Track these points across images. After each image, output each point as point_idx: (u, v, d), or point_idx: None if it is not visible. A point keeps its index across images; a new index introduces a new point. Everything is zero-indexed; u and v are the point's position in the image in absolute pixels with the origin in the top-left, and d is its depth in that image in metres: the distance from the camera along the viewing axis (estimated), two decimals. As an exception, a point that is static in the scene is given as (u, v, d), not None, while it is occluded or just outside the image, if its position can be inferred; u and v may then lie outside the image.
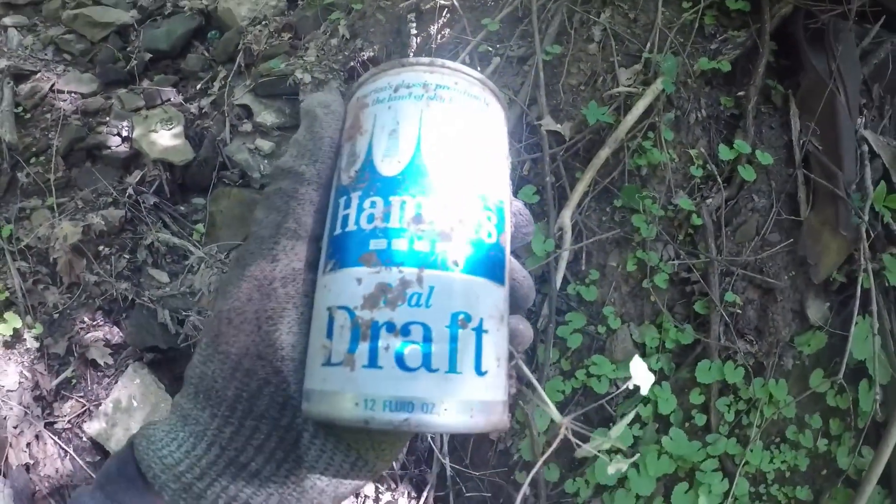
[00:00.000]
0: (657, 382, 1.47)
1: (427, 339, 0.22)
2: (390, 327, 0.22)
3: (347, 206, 0.24)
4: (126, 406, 1.71)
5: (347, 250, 0.23)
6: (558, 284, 1.38)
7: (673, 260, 1.46)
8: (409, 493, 1.58)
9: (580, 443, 0.36)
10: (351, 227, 0.23)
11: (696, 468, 1.47)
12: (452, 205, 0.23)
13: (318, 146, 0.26)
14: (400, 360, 0.21)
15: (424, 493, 1.55)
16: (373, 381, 0.21)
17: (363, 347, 0.22)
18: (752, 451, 1.48)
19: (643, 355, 1.48)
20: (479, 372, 0.23)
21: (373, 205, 0.23)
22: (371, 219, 0.23)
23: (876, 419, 1.51)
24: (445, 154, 0.24)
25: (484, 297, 0.23)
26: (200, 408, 0.25)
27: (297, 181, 0.26)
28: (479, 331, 0.22)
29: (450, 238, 0.23)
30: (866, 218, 1.49)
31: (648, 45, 1.51)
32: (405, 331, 0.22)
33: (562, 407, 1.48)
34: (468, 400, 0.22)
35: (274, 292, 0.25)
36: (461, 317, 0.22)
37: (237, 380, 0.25)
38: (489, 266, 0.23)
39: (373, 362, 0.21)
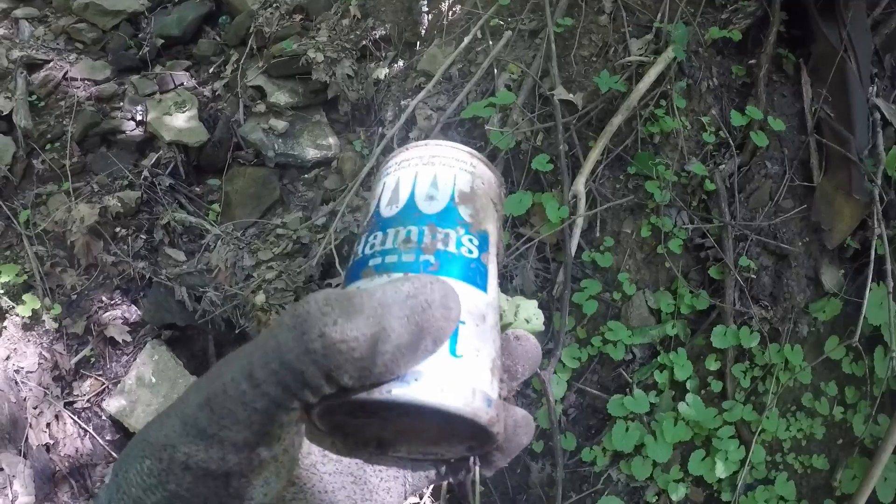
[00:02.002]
0: (673, 349, 1.48)
1: None
2: None
3: (359, 243, 0.30)
4: (147, 382, 1.73)
5: (353, 271, 0.28)
6: (573, 252, 1.39)
7: (687, 225, 1.46)
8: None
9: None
10: (357, 255, 0.29)
11: (712, 435, 1.47)
12: (437, 229, 0.28)
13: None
14: None
15: (443, 464, 1.55)
16: None
17: None
18: (768, 417, 1.48)
19: (658, 321, 1.49)
20: (454, 353, 0.25)
21: (374, 237, 0.29)
22: (372, 246, 0.28)
23: (891, 386, 1.51)
24: (432, 197, 0.30)
25: (462, 297, 0.26)
26: None
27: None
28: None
29: (431, 250, 0.27)
30: (879, 183, 1.50)
31: (659, 15, 1.52)
32: None
33: (578, 375, 1.49)
34: (440, 376, 0.24)
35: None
36: None
37: None
38: (468, 273, 0.28)
39: None
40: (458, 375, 0.24)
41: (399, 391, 0.23)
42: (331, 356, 0.20)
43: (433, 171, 0.31)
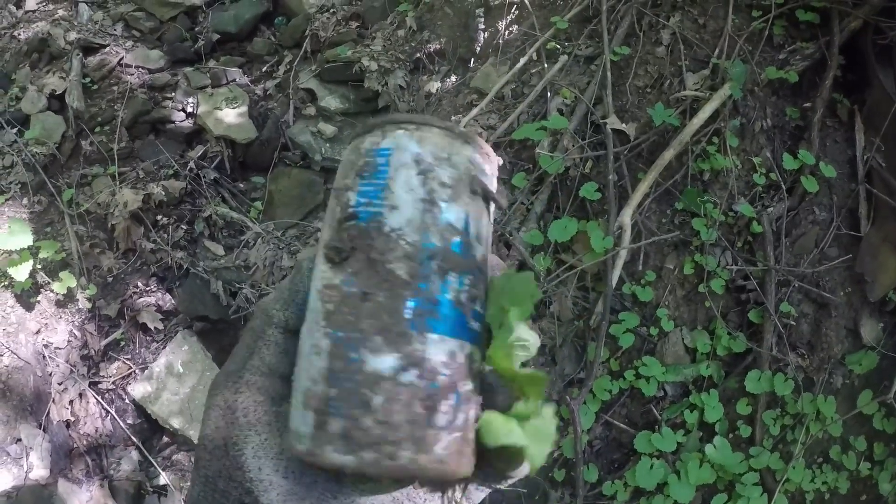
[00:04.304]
0: (706, 389, 1.46)
1: None
2: None
3: None
4: (175, 371, 1.74)
5: None
6: (614, 283, 1.38)
7: (730, 266, 1.45)
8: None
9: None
10: None
11: (736, 480, 1.44)
12: None
13: (292, 297, 0.29)
14: None
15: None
16: None
17: None
18: (794, 467, 1.45)
19: (693, 360, 1.47)
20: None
21: None
22: None
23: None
24: None
25: None
26: None
27: (266, 322, 0.29)
28: None
29: None
30: (930, 238, 1.47)
31: (717, 50, 1.52)
32: None
33: (607, 407, 1.48)
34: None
35: (236, 421, 0.27)
36: None
37: (215, 501, 0.27)
38: None
39: None
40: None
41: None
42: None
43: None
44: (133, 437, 1.80)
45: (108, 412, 1.83)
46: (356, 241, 0.25)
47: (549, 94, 1.55)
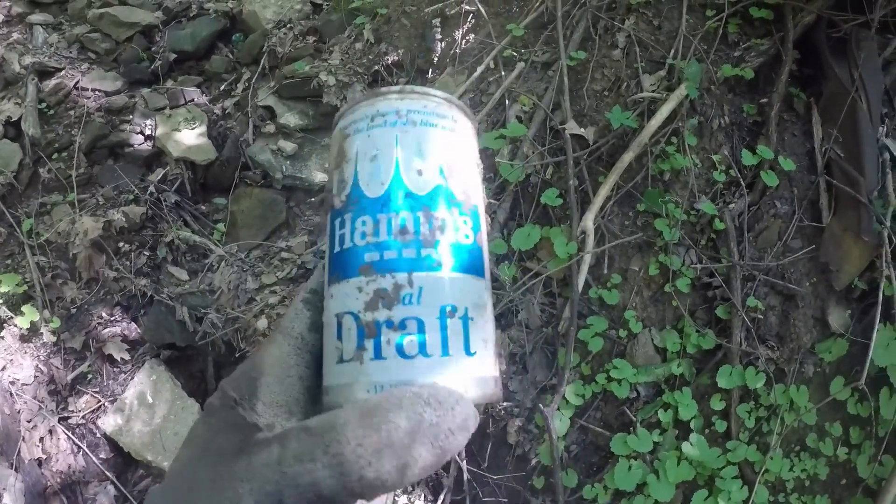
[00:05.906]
0: (678, 388, 1.46)
1: (421, 330, 0.26)
2: (389, 324, 0.26)
3: (343, 226, 0.27)
4: (144, 402, 1.70)
5: (348, 264, 0.27)
6: (580, 288, 1.38)
7: (695, 264, 1.46)
8: (425, 496, 1.57)
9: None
10: (348, 244, 0.27)
11: (715, 475, 1.45)
12: (431, 214, 0.27)
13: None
14: (400, 350, 0.25)
15: (441, 497, 1.53)
16: (379, 370, 0.25)
17: (369, 344, 0.26)
18: (772, 458, 1.46)
19: (664, 360, 1.48)
20: (469, 353, 0.26)
21: (364, 223, 0.27)
22: (364, 236, 0.27)
23: (897, 429, 1.50)
24: (420, 172, 0.27)
25: (467, 290, 0.27)
26: None
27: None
28: (466, 319, 0.26)
29: (432, 243, 0.26)
30: (888, 224, 1.49)
31: (672, 51, 1.52)
32: (402, 325, 0.25)
33: (582, 411, 1.48)
34: (462, 377, 0.26)
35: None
36: (448, 308, 0.26)
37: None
38: (469, 263, 0.27)
39: (378, 355, 0.25)
40: (475, 371, 0.26)
41: None
42: (368, 492, 0.23)
43: (415, 136, 0.28)
44: (107, 472, 1.76)
45: (79, 448, 1.79)
46: None
47: (507, 101, 1.55)
